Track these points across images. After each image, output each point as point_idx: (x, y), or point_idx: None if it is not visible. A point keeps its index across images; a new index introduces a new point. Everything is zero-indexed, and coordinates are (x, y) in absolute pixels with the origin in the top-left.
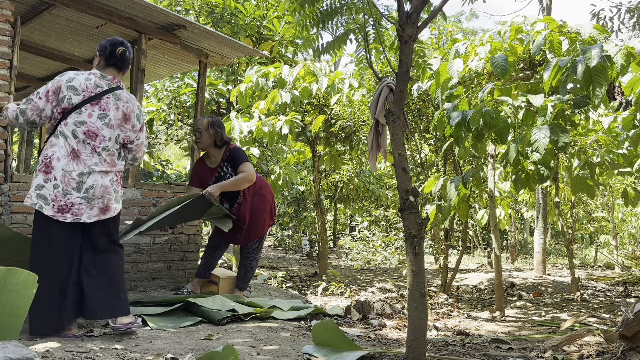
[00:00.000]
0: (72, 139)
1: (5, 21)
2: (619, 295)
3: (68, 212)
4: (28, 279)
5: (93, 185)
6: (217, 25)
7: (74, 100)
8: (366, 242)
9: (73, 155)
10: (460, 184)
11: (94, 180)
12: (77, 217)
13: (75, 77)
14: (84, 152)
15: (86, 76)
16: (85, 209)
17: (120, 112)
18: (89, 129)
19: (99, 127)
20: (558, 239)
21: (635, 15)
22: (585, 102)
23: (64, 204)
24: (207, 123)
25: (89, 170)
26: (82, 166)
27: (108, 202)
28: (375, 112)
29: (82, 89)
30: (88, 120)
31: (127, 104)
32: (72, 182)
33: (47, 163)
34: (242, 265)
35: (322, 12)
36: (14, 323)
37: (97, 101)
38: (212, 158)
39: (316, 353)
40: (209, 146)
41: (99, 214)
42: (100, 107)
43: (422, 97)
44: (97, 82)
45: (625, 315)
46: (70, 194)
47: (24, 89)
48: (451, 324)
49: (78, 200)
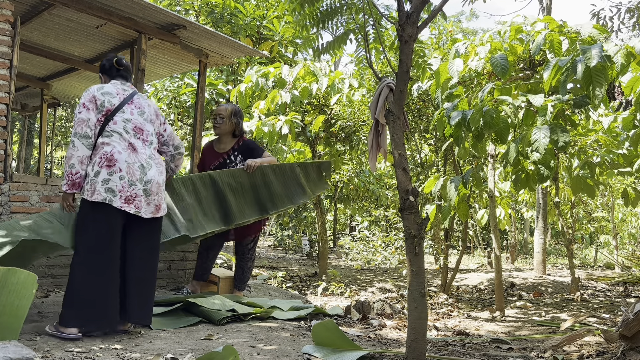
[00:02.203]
0: (126, 134)
1: (5, 21)
2: (619, 295)
3: (132, 204)
4: (28, 279)
5: (151, 180)
6: (217, 25)
7: (114, 102)
8: (366, 242)
9: (132, 149)
10: (460, 184)
11: (152, 175)
12: (138, 209)
13: (105, 86)
14: (138, 145)
15: (111, 84)
16: (144, 203)
17: (152, 109)
18: (135, 125)
19: (141, 122)
20: (558, 239)
21: (635, 15)
22: (585, 102)
23: (129, 195)
24: (231, 111)
25: (148, 163)
26: (140, 158)
27: (160, 201)
28: (375, 112)
29: (116, 92)
30: (132, 118)
31: (151, 101)
32: (136, 173)
33: (109, 157)
34: (239, 266)
35: (322, 12)
36: (14, 323)
37: (131, 101)
38: (222, 144)
39: (316, 353)
40: (226, 134)
41: (154, 211)
42: (135, 105)
43: (422, 97)
44: (122, 87)
45: (625, 315)
46: (135, 185)
47: (24, 89)
48: (451, 324)
49: (140, 192)
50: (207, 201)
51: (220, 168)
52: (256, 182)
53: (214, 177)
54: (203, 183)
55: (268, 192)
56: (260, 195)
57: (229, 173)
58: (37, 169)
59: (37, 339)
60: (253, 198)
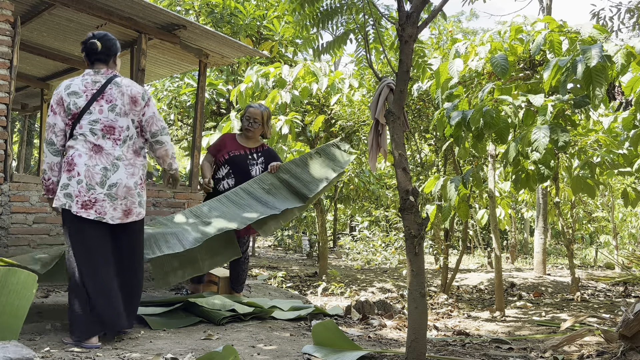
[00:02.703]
0: (92, 136)
1: (5, 21)
2: (619, 295)
3: (92, 209)
4: (28, 279)
5: (117, 184)
6: (217, 25)
7: (79, 104)
8: (366, 242)
9: (95, 150)
10: (460, 184)
11: (119, 178)
12: (101, 215)
13: (72, 83)
14: (105, 146)
15: (81, 78)
16: (108, 208)
17: (127, 97)
18: (104, 124)
19: (112, 119)
20: (558, 239)
21: (635, 15)
22: (585, 102)
23: (87, 199)
24: (267, 116)
25: (114, 165)
26: (105, 160)
27: (131, 205)
28: (375, 112)
29: (83, 90)
30: (101, 117)
31: (129, 87)
32: (96, 177)
33: (69, 161)
34: (234, 269)
35: (322, 12)
36: (14, 323)
37: (101, 96)
38: (249, 141)
39: (316, 353)
40: (257, 136)
41: (122, 216)
42: (106, 100)
43: (422, 97)
44: (93, 79)
45: (625, 315)
46: (94, 189)
47: (24, 89)
48: (451, 324)
49: (102, 196)
50: (249, 205)
51: (240, 160)
52: (284, 178)
53: (245, 188)
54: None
55: (299, 182)
56: (294, 187)
57: (256, 180)
58: (37, 169)
59: (37, 339)
60: (288, 192)
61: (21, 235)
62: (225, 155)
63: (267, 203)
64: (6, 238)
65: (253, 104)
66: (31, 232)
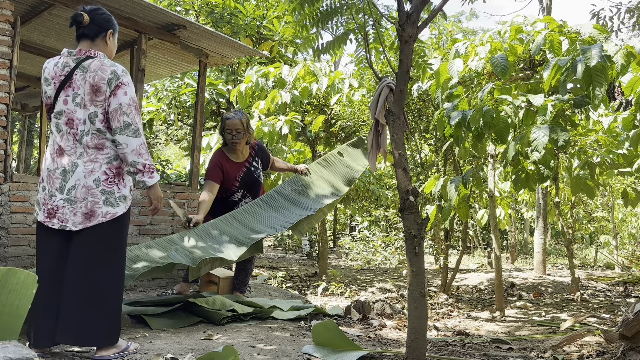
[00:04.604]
0: (57, 135)
1: (5, 21)
2: (619, 295)
3: (54, 217)
4: (28, 279)
5: (75, 186)
6: (217, 25)
7: (49, 93)
8: (366, 242)
9: (59, 152)
10: (460, 184)
11: (76, 180)
12: (63, 223)
13: (47, 66)
14: (67, 145)
15: (56, 60)
16: (69, 214)
17: (87, 85)
18: (67, 117)
19: (73, 110)
20: (558, 239)
21: (635, 15)
22: (585, 102)
23: (50, 207)
24: (246, 123)
25: (73, 165)
26: (65, 162)
27: (93, 206)
28: (375, 112)
29: (52, 77)
30: (65, 108)
31: (95, 72)
32: (56, 182)
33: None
34: (240, 269)
35: (322, 12)
36: (14, 323)
37: (68, 83)
38: (240, 154)
39: (316, 353)
40: (243, 146)
41: (84, 220)
42: (72, 88)
43: (422, 97)
44: (64, 62)
45: (625, 315)
46: (54, 196)
47: (24, 89)
48: (451, 324)
49: (61, 202)
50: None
51: (247, 176)
52: (313, 180)
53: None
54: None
55: (326, 182)
56: (324, 185)
57: (286, 185)
58: (37, 169)
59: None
60: (319, 190)
61: (21, 235)
62: (235, 183)
63: (301, 204)
64: (6, 238)
65: (228, 114)
66: (31, 232)
